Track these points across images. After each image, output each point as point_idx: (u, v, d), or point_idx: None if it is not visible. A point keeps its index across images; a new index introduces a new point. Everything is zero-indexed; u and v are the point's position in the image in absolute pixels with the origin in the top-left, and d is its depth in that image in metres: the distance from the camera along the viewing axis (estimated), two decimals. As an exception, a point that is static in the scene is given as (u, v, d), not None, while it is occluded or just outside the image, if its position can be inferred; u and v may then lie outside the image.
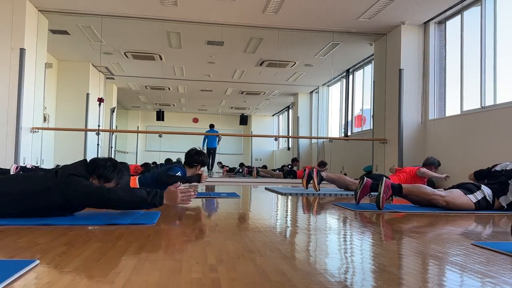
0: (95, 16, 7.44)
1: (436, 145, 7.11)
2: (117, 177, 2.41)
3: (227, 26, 7.81)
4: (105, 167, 2.37)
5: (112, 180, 2.39)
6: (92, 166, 2.38)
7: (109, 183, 2.38)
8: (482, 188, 3.29)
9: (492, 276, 1.35)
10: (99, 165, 2.38)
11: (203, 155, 4.13)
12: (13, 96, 6.76)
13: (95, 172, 2.36)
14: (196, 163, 4.08)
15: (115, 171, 2.40)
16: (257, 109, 17.96)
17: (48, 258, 1.45)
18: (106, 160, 2.44)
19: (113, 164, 2.43)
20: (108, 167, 2.38)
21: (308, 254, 1.70)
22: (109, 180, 2.38)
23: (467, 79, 6.62)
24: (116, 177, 2.40)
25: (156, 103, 16.95)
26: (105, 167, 2.38)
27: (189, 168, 4.11)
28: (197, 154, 4.09)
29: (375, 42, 8.50)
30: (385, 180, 3.21)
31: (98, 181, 2.36)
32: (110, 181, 2.38)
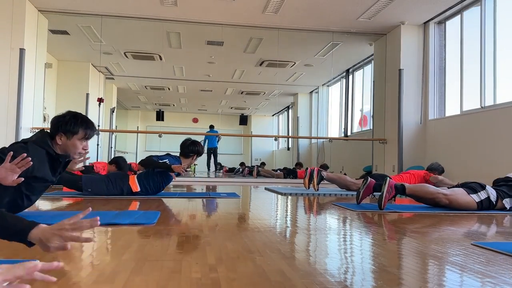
0: (95, 16, 7.44)
1: (436, 145, 7.11)
2: (82, 127, 2.32)
3: (227, 26, 7.80)
4: (65, 121, 2.30)
5: (79, 131, 2.31)
6: (53, 125, 2.30)
7: (77, 135, 2.31)
8: (487, 188, 3.29)
9: (492, 276, 1.35)
10: (59, 121, 2.30)
11: (199, 145, 4.16)
12: (12, 96, 6.75)
13: (59, 129, 2.29)
14: (192, 153, 4.11)
15: (77, 121, 2.32)
16: (257, 109, 17.96)
17: (48, 259, 1.45)
18: (64, 115, 2.35)
19: (73, 115, 2.34)
20: (69, 120, 2.31)
21: (308, 254, 1.70)
22: (76, 132, 2.30)
23: (467, 79, 6.62)
24: (81, 127, 2.32)
25: (156, 103, 16.95)
26: (65, 121, 2.30)
27: (185, 158, 4.11)
28: (192, 144, 4.12)
29: (375, 42, 8.50)
30: (388, 181, 3.21)
31: (66, 137, 2.29)
32: (77, 133, 2.30)
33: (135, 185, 3.95)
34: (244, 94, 14.46)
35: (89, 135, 2.37)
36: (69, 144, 2.32)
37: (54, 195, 3.91)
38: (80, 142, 2.34)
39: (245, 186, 6.71)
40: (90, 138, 2.39)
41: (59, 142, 2.31)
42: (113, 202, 3.39)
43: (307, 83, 12.60)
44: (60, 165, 2.39)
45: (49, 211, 2.87)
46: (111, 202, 3.42)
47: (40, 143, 2.26)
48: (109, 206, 3.14)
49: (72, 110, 2.41)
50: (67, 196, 3.89)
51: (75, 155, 2.39)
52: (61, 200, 3.64)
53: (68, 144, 2.32)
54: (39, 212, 2.75)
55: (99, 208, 2.98)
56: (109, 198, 3.73)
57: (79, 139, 2.33)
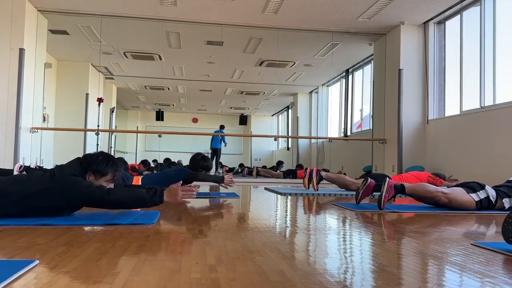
0: (94, 16, 7.44)
1: (436, 145, 7.11)
2: (112, 170, 2.39)
3: (227, 26, 7.81)
4: (98, 162, 2.36)
5: (108, 174, 2.38)
6: (85, 163, 2.36)
7: (106, 177, 2.37)
8: (486, 188, 3.29)
9: (492, 276, 1.35)
10: (91, 160, 2.36)
11: (208, 161, 4.25)
12: (12, 96, 6.75)
13: (89, 168, 2.34)
14: (201, 169, 4.17)
15: (109, 164, 2.38)
16: (256, 109, 17.96)
17: (48, 258, 1.45)
18: (97, 155, 2.42)
19: (105, 157, 2.42)
20: (101, 161, 2.37)
21: (308, 254, 1.70)
22: (105, 174, 2.36)
23: (467, 79, 6.62)
24: (111, 170, 2.38)
25: (156, 103, 16.95)
26: (97, 161, 2.36)
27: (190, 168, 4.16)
28: (203, 160, 4.22)
29: (374, 42, 8.50)
30: (388, 181, 3.21)
31: (94, 177, 2.35)
32: (106, 174, 2.37)
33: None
34: (243, 94, 14.46)
35: (116, 178, 2.44)
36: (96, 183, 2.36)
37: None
38: (107, 184, 2.39)
39: (244, 186, 6.70)
40: (116, 181, 2.47)
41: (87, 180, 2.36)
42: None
43: (307, 83, 12.61)
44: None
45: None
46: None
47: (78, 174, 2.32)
48: (109, 206, 3.13)
49: (104, 152, 2.51)
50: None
51: None
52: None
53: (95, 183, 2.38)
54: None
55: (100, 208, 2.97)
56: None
57: (106, 180, 2.39)
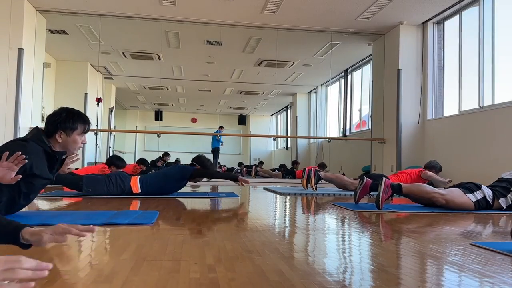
0: (93, 16, 7.44)
1: (435, 145, 7.12)
2: (80, 122, 2.33)
3: (226, 26, 7.80)
4: (63, 119, 2.29)
5: (78, 127, 2.32)
6: (51, 124, 2.30)
7: (77, 131, 2.32)
8: (482, 188, 3.30)
9: (491, 275, 1.35)
10: (56, 120, 2.30)
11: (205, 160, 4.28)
12: (11, 96, 6.74)
13: (58, 127, 2.28)
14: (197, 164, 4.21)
15: (75, 117, 2.32)
16: (255, 109, 17.96)
17: (47, 259, 1.45)
18: (60, 113, 2.33)
19: (69, 111, 2.34)
20: (66, 117, 2.31)
21: (307, 254, 1.70)
22: (75, 128, 2.31)
23: (465, 79, 6.63)
24: (79, 122, 2.33)
25: (155, 103, 16.94)
26: (63, 119, 2.29)
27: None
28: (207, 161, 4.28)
29: (373, 42, 8.51)
30: (384, 180, 3.21)
31: (66, 134, 2.29)
32: (76, 128, 2.31)
33: (136, 187, 3.93)
34: (243, 94, 14.46)
35: (87, 129, 2.40)
36: (70, 140, 2.33)
37: (54, 195, 3.91)
38: (80, 137, 2.36)
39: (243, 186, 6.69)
40: (87, 131, 2.42)
41: (59, 140, 2.31)
42: (112, 202, 3.38)
43: (306, 83, 12.61)
44: (57, 162, 2.39)
45: (49, 211, 2.87)
46: (110, 202, 3.42)
47: (36, 140, 2.26)
48: (109, 206, 3.14)
49: (64, 107, 2.41)
50: (67, 196, 3.88)
51: (75, 150, 2.42)
52: (61, 200, 3.64)
53: (69, 141, 2.33)
54: (38, 212, 2.75)
55: (99, 208, 2.98)
56: (108, 198, 3.72)
57: (78, 134, 2.35)
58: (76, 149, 2.40)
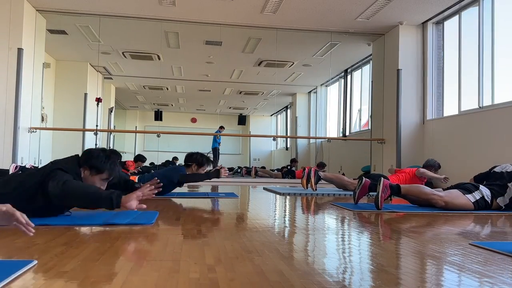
0: (93, 16, 7.43)
1: (434, 145, 7.12)
2: (109, 169, 2.35)
3: (226, 26, 7.80)
4: (97, 157, 2.33)
5: (104, 172, 2.34)
6: (85, 155, 2.33)
7: (101, 175, 2.34)
8: (480, 188, 3.30)
9: (490, 276, 1.35)
10: (92, 155, 2.33)
11: (199, 155, 4.21)
12: (11, 96, 6.74)
13: (87, 162, 2.31)
14: (190, 162, 4.15)
15: (107, 162, 2.35)
16: (255, 109, 17.96)
17: (46, 258, 1.45)
18: (100, 151, 2.39)
19: (107, 155, 2.38)
20: (101, 157, 2.34)
21: (306, 254, 1.70)
22: (101, 171, 2.33)
23: (465, 79, 6.63)
24: (108, 169, 2.35)
25: (154, 103, 16.94)
26: (97, 157, 2.33)
27: (187, 168, 4.16)
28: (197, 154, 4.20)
29: (373, 42, 8.51)
30: (383, 180, 3.21)
31: (89, 172, 2.31)
32: (102, 172, 2.33)
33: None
34: (242, 94, 14.45)
35: (111, 179, 2.41)
36: (90, 180, 2.33)
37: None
38: (100, 183, 2.35)
39: (243, 186, 6.71)
40: (108, 180, 2.41)
41: (82, 174, 2.33)
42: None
43: (306, 83, 12.61)
44: None
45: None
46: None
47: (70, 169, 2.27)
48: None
49: (107, 150, 2.47)
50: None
51: None
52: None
53: (89, 180, 2.33)
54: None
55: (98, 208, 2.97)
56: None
57: (101, 179, 2.35)
58: None
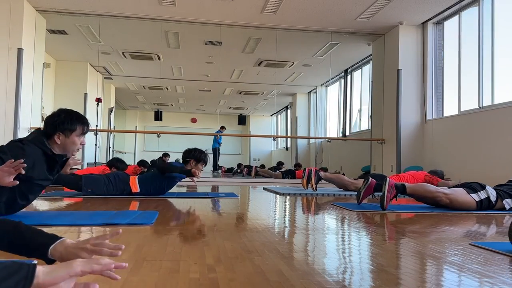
0: (93, 16, 7.44)
1: (434, 145, 7.12)
2: (79, 123, 2.32)
3: (226, 26, 7.80)
4: (62, 120, 2.29)
5: (77, 128, 2.31)
6: (50, 125, 2.29)
7: (75, 132, 2.31)
8: (486, 188, 3.29)
9: (490, 276, 1.35)
10: (55, 121, 2.29)
11: (197, 151, 4.18)
12: (11, 96, 6.74)
13: (57, 129, 2.28)
14: (188, 158, 4.13)
15: (73, 118, 2.32)
16: (255, 109, 17.96)
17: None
18: (58, 114, 2.33)
19: (67, 113, 2.34)
20: (65, 118, 2.30)
21: (307, 254, 1.70)
22: (74, 129, 2.30)
23: (465, 79, 6.63)
24: (78, 124, 2.32)
25: (154, 103, 16.94)
26: (62, 120, 2.29)
27: (185, 164, 4.14)
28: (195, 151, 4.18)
29: (373, 43, 8.51)
30: (389, 180, 3.21)
31: (64, 135, 2.29)
32: (74, 129, 2.31)
33: (135, 186, 3.95)
34: (242, 94, 14.46)
35: (86, 130, 2.39)
36: (68, 142, 2.32)
37: (54, 195, 3.91)
38: (78, 138, 2.35)
39: (243, 186, 6.70)
40: (86, 133, 2.41)
41: (58, 142, 2.31)
42: (112, 202, 3.38)
43: (306, 83, 12.61)
44: (57, 164, 2.39)
45: (49, 211, 2.87)
46: (110, 202, 3.42)
47: (37, 143, 2.26)
48: (108, 206, 3.14)
49: (63, 108, 2.41)
50: (67, 196, 3.88)
51: (74, 152, 2.41)
52: (61, 200, 3.64)
53: (67, 142, 2.33)
54: (38, 212, 2.75)
55: (98, 208, 2.98)
56: (108, 198, 3.73)
57: (77, 135, 2.34)
58: (75, 150, 2.40)
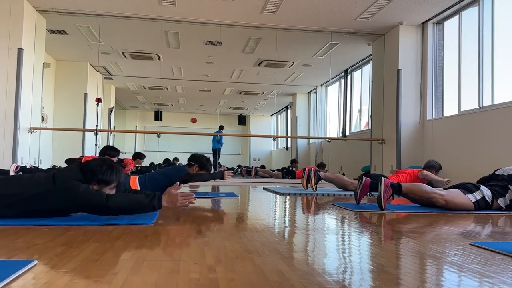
0: (93, 16, 7.43)
1: (434, 145, 7.12)
2: (116, 177, 2.38)
3: (226, 26, 7.80)
4: (102, 172, 2.33)
5: (113, 182, 2.37)
6: (89, 173, 2.31)
7: (110, 185, 2.35)
8: (481, 188, 3.30)
9: (490, 276, 1.35)
10: (95, 171, 2.32)
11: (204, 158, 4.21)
12: (11, 96, 6.74)
13: (94, 178, 2.31)
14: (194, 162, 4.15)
15: (113, 172, 2.36)
16: (255, 109, 17.96)
17: (46, 259, 1.45)
18: (100, 165, 2.36)
19: (109, 166, 2.38)
20: (105, 170, 2.34)
21: (307, 254, 1.70)
22: (110, 183, 2.35)
23: (465, 79, 6.63)
24: (115, 178, 2.38)
25: (154, 103, 16.94)
26: (102, 172, 2.33)
27: (188, 167, 4.15)
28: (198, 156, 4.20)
29: (373, 42, 8.51)
30: (384, 180, 3.21)
31: (99, 186, 2.32)
32: (110, 183, 2.35)
33: (135, 186, 3.95)
34: (242, 94, 14.46)
35: (120, 183, 2.45)
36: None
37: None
38: (110, 190, 2.38)
39: (243, 186, 6.71)
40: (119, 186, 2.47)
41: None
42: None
43: (306, 83, 12.61)
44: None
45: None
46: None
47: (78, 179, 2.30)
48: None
49: (105, 159, 2.47)
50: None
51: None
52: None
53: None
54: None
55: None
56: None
57: (111, 188, 2.38)
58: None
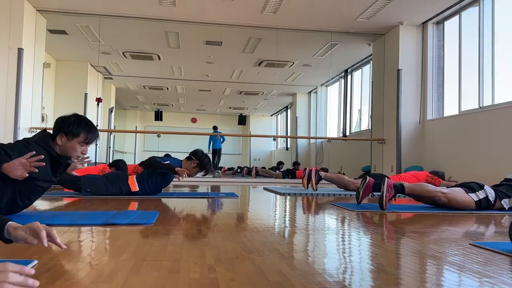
0: (93, 16, 7.44)
1: (434, 145, 7.11)
2: (84, 131, 2.35)
3: (226, 26, 7.80)
4: (69, 123, 2.32)
5: (80, 135, 2.34)
6: (57, 123, 2.32)
7: (78, 138, 2.33)
8: (485, 188, 3.30)
9: (490, 276, 1.35)
10: (63, 122, 2.33)
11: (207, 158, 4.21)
12: (11, 96, 6.74)
13: (61, 129, 2.31)
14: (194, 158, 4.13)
15: (81, 125, 2.34)
16: (255, 109, 17.96)
17: (46, 258, 1.44)
18: (70, 116, 2.37)
19: (78, 118, 2.37)
20: (73, 122, 2.33)
21: (307, 254, 1.70)
22: (77, 135, 2.33)
23: (465, 79, 6.63)
24: (83, 131, 2.34)
25: (155, 103, 16.94)
26: (69, 122, 2.32)
27: (187, 160, 4.14)
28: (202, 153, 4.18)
29: (373, 42, 8.51)
30: (387, 180, 3.21)
31: (66, 138, 2.31)
32: (78, 135, 2.33)
33: (134, 185, 3.97)
34: (242, 94, 14.46)
35: (89, 140, 2.39)
36: (69, 146, 2.33)
37: (54, 195, 3.91)
38: (80, 146, 2.35)
39: (243, 186, 6.71)
40: (90, 143, 2.41)
41: (59, 143, 2.32)
42: (111, 202, 3.39)
43: (306, 83, 12.61)
44: (61, 166, 2.39)
45: (49, 211, 2.87)
46: (109, 202, 3.42)
47: (42, 143, 2.26)
48: (108, 206, 3.14)
49: (79, 114, 2.44)
50: (66, 196, 3.89)
51: (73, 158, 2.40)
52: (61, 200, 3.64)
53: (68, 146, 2.34)
54: (38, 212, 2.75)
55: (98, 208, 2.98)
56: (108, 198, 3.73)
57: (79, 142, 2.35)
58: (74, 156, 2.39)
